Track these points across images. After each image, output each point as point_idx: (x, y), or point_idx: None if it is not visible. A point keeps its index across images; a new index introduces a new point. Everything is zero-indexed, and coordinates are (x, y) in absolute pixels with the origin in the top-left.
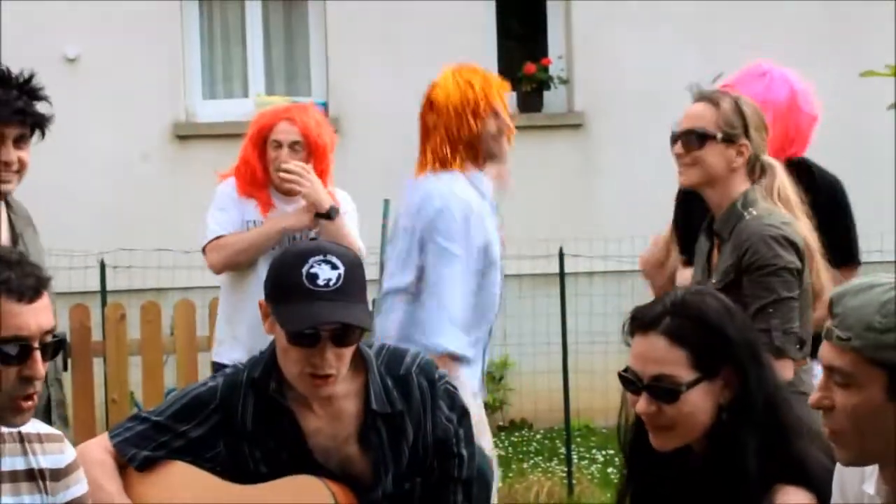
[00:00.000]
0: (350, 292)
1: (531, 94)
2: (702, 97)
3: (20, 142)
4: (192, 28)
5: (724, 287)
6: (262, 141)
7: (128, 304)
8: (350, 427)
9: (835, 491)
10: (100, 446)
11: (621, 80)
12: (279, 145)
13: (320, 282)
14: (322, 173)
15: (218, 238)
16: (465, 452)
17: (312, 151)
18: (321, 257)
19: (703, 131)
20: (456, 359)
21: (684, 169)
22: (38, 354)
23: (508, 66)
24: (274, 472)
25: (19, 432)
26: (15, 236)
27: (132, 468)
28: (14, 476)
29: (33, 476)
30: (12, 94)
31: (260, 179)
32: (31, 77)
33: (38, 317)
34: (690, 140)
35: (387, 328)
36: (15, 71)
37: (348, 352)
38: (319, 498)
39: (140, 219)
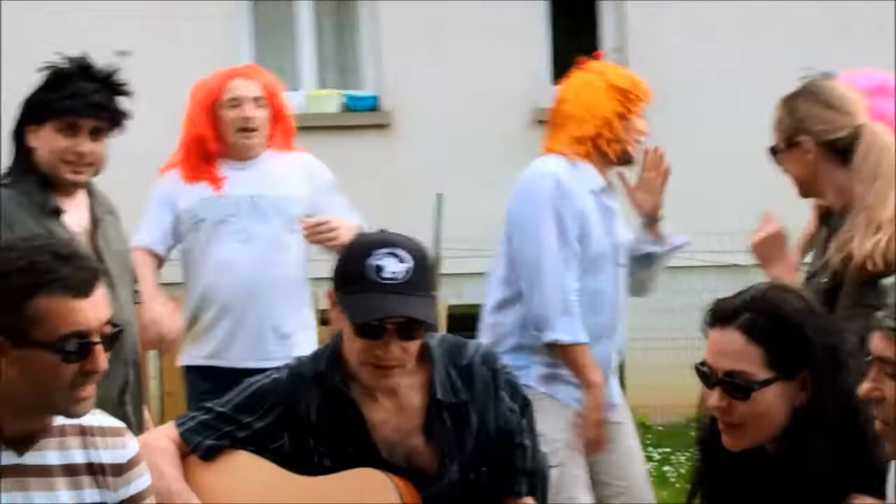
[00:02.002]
0: (417, 286)
1: None
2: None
3: (96, 135)
4: (244, 22)
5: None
6: (213, 105)
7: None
8: (415, 419)
9: (889, 490)
10: (164, 434)
11: (674, 74)
12: (237, 103)
13: (386, 274)
14: (288, 134)
15: (137, 249)
16: (527, 442)
17: (278, 108)
18: (389, 249)
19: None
20: (576, 346)
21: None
22: (99, 348)
23: (561, 60)
24: (338, 465)
25: (80, 426)
26: (95, 221)
27: (196, 456)
28: (73, 470)
29: (93, 470)
30: (91, 87)
31: (213, 151)
32: (113, 72)
33: (95, 310)
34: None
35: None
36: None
37: (413, 345)
38: (383, 491)
39: None
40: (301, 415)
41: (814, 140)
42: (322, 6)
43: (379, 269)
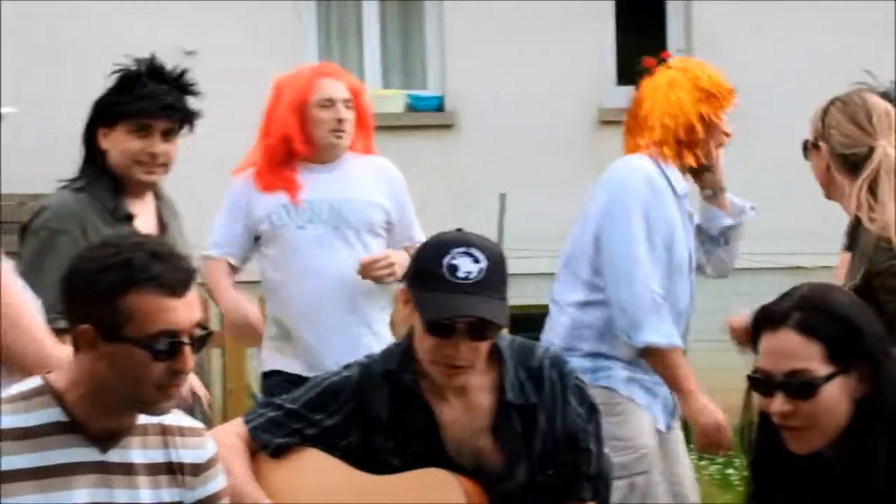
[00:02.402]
0: (490, 287)
1: None
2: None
3: (168, 135)
4: (309, 22)
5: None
6: (303, 106)
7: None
8: (484, 419)
9: None
10: (233, 431)
11: (740, 74)
12: (329, 103)
13: (460, 274)
14: (368, 137)
15: (213, 258)
16: (594, 448)
17: (361, 110)
18: (464, 249)
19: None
20: (670, 350)
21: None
22: (188, 349)
23: (627, 60)
24: (405, 464)
25: (161, 425)
26: (163, 225)
27: (264, 454)
28: (154, 469)
29: (173, 470)
30: (163, 88)
31: (298, 153)
32: (183, 72)
33: (187, 311)
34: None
35: (553, 327)
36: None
37: (484, 346)
38: (450, 491)
39: None
40: (371, 413)
41: (829, 150)
42: (387, 6)
43: (453, 268)
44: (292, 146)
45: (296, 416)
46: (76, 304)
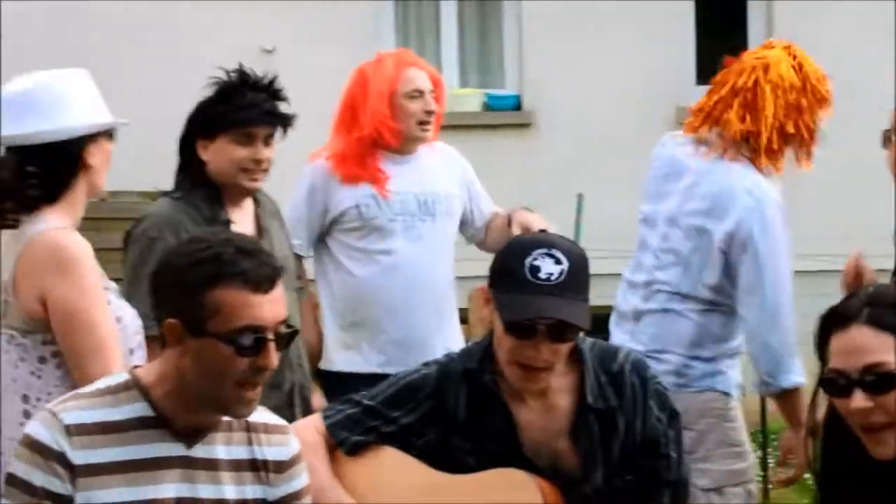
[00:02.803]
0: (572, 288)
1: None
2: None
3: (267, 141)
4: (387, 21)
5: None
6: (393, 96)
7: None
8: (562, 421)
9: None
10: (312, 427)
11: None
12: (418, 94)
13: (542, 275)
14: (438, 127)
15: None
16: (673, 454)
17: (440, 102)
18: (546, 250)
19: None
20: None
21: None
22: (272, 346)
23: (707, 60)
24: (482, 463)
25: (246, 421)
26: (261, 230)
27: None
28: (238, 465)
29: (256, 466)
30: (261, 96)
31: (388, 145)
32: (273, 79)
33: (273, 307)
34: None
35: (668, 334)
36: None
37: (564, 348)
38: (527, 492)
39: None
40: (448, 412)
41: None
42: (466, 6)
43: (535, 269)
44: (382, 137)
45: (373, 413)
46: (165, 298)
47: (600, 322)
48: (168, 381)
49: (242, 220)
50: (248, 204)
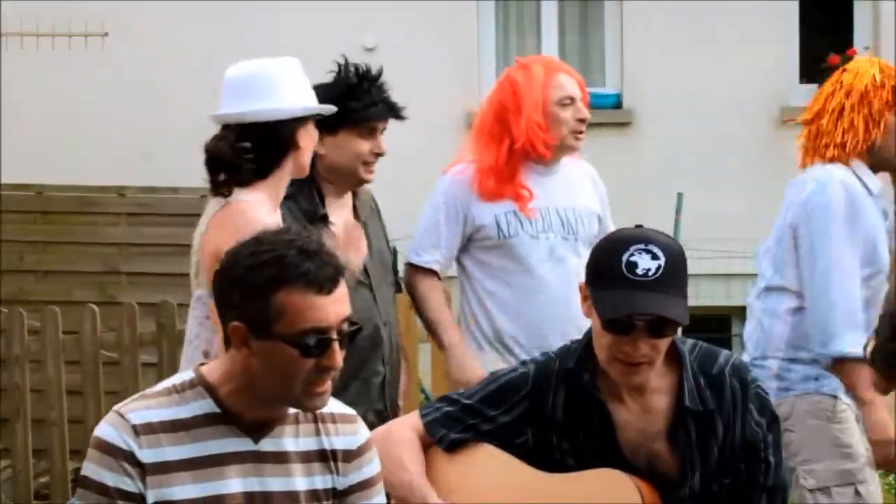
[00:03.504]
0: (670, 284)
1: None
2: None
3: (382, 133)
4: (488, 18)
5: None
6: (546, 104)
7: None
8: (660, 423)
9: None
10: (409, 425)
11: None
12: (570, 101)
13: (639, 271)
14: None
15: (423, 269)
16: (772, 459)
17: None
18: (643, 246)
19: None
20: (858, 360)
21: None
22: (336, 346)
23: (811, 58)
24: (580, 463)
25: (314, 412)
26: (360, 223)
27: (439, 448)
28: (307, 456)
29: (325, 457)
30: (380, 90)
31: (539, 157)
32: (380, 72)
33: (336, 307)
34: None
35: (773, 336)
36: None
37: (663, 343)
38: (626, 493)
39: None
40: (547, 411)
41: None
42: (567, 5)
43: (632, 265)
44: (534, 148)
45: (471, 412)
46: (229, 300)
47: (698, 322)
48: (234, 379)
49: (341, 212)
50: (349, 198)
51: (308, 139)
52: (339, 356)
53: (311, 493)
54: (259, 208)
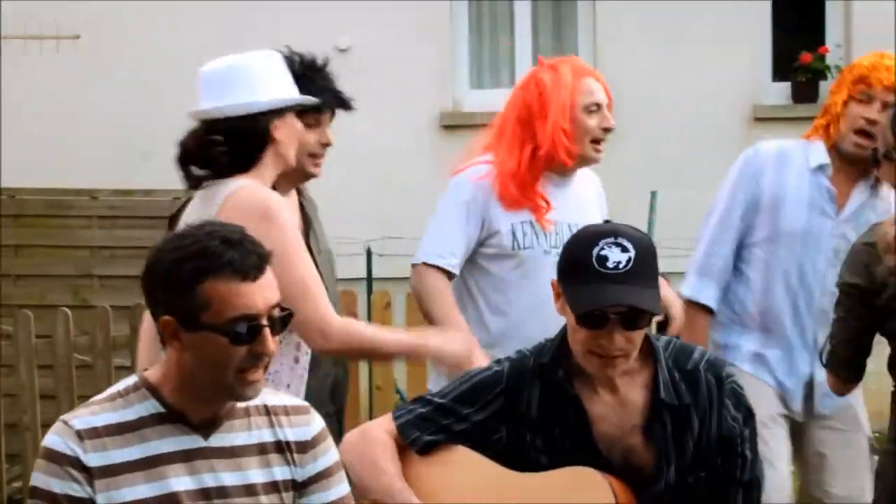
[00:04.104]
0: (640, 276)
1: (806, 85)
2: None
3: (327, 125)
4: (461, 17)
5: None
6: (572, 109)
7: (393, 292)
8: (636, 417)
9: None
10: (382, 427)
11: None
12: (597, 108)
13: (610, 264)
14: None
15: (434, 268)
16: (748, 454)
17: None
18: (612, 239)
19: None
20: (692, 305)
21: None
22: (267, 332)
23: (783, 57)
24: (554, 461)
25: (265, 406)
26: (308, 220)
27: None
28: (263, 448)
29: (281, 448)
30: (328, 80)
31: (560, 165)
32: (326, 62)
33: (263, 294)
34: None
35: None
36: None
37: (637, 335)
38: (599, 492)
39: (405, 207)
40: (521, 408)
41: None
42: (540, 5)
43: (603, 258)
44: (557, 154)
45: (445, 412)
46: (156, 296)
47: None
48: (173, 376)
49: (291, 211)
50: (294, 195)
51: (286, 131)
52: (270, 342)
53: (271, 485)
54: (266, 188)
